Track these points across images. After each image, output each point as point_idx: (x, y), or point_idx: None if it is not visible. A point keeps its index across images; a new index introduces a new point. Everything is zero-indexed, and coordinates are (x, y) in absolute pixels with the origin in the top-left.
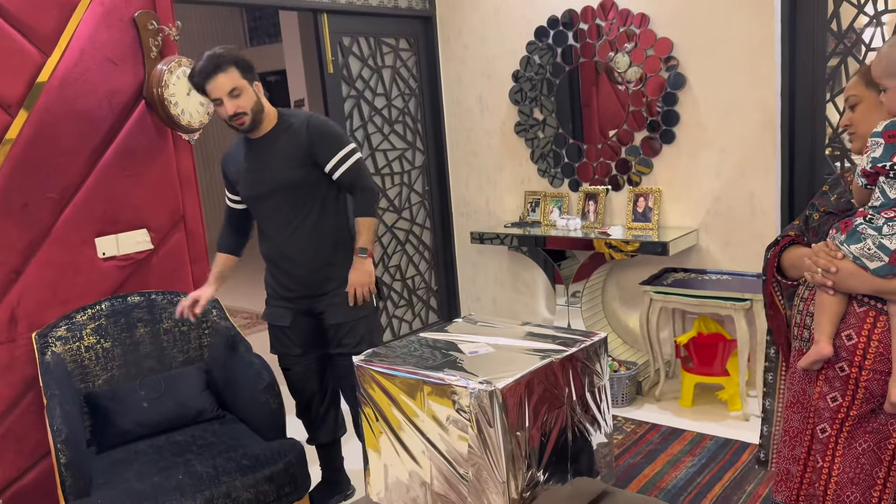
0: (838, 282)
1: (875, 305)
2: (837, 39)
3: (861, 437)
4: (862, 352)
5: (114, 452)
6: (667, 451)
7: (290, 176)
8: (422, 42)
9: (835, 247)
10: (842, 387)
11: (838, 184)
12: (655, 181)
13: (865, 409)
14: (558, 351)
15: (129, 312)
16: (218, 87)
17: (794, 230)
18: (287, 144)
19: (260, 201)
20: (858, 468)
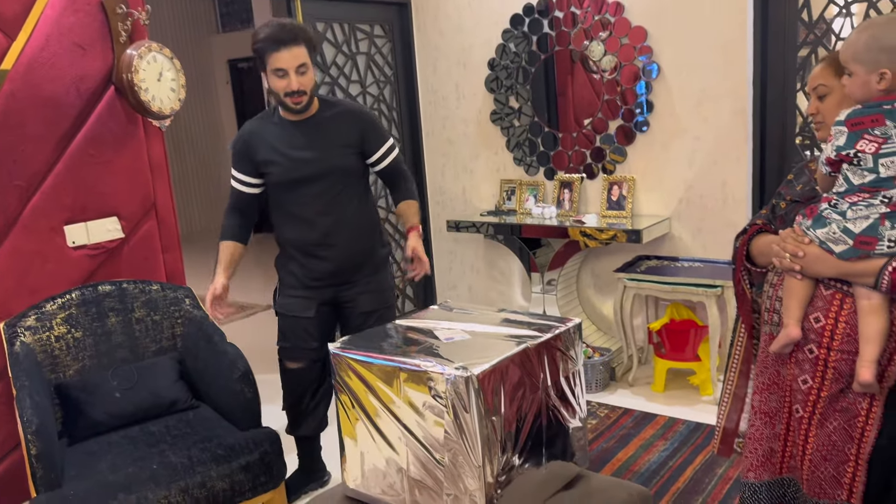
0: (806, 266)
1: (841, 288)
2: (808, 29)
3: (832, 416)
4: (830, 333)
5: (86, 444)
6: (640, 436)
7: (343, 162)
8: (397, 29)
9: (801, 232)
10: (811, 369)
11: (803, 173)
12: (629, 170)
13: (835, 389)
14: (533, 337)
15: (101, 302)
16: (289, 58)
17: (762, 219)
18: (338, 130)
19: (303, 185)
20: (831, 445)
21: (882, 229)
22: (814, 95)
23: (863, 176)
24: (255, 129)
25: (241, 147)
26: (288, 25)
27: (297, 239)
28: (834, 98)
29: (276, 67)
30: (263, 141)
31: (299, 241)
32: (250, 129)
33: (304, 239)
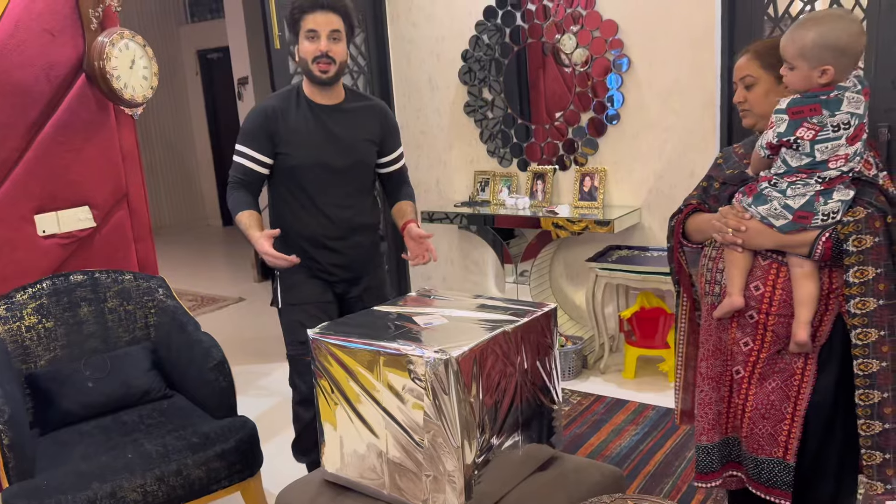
0: (747, 240)
1: (777, 258)
2: (773, 24)
3: (770, 376)
4: (769, 300)
5: (58, 434)
6: (611, 421)
7: (368, 155)
8: (370, 20)
9: (742, 209)
10: (752, 332)
11: (731, 157)
12: (601, 161)
13: (773, 350)
14: (510, 321)
15: (72, 291)
16: (324, 21)
17: (696, 199)
18: (365, 123)
19: (327, 173)
20: (769, 404)
21: (817, 205)
22: (740, 85)
23: (800, 159)
24: (278, 105)
25: (261, 122)
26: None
27: (311, 231)
28: (761, 87)
29: (308, 28)
30: (287, 120)
31: (314, 233)
32: (272, 105)
33: (320, 231)
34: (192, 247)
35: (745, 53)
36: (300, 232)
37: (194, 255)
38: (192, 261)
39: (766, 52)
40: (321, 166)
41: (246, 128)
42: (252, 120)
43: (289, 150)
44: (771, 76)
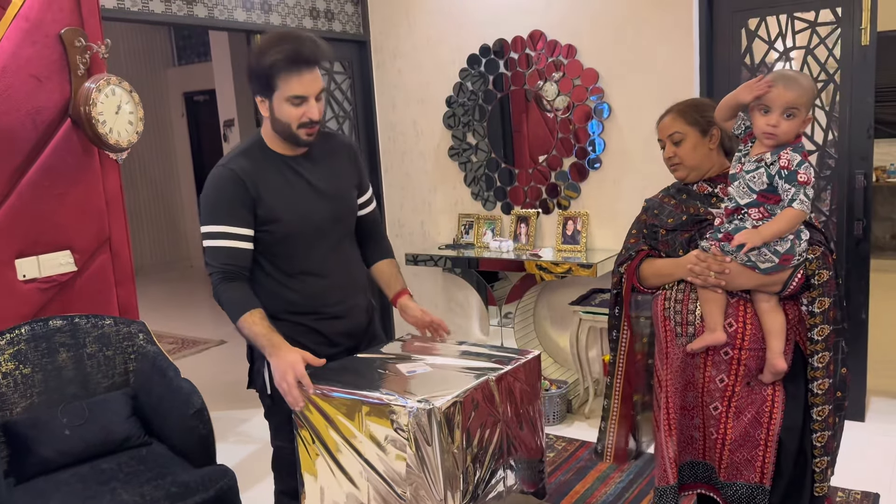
0: (728, 281)
1: (744, 296)
2: (750, 72)
3: (746, 408)
4: (741, 335)
5: (34, 483)
6: (596, 468)
7: (352, 200)
8: (356, 66)
9: (720, 253)
10: (727, 368)
11: (664, 207)
12: (583, 205)
13: (744, 384)
14: (494, 369)
15: (51, 337)
16: (311, 82)
17: (645, 245)
18: (342, 166)
19: (321, 231)
20: (745, 433)
21: (796, 247)
22: (669, 142)
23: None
24: (248, 168)
25: (235, 189)
26: (308, 41)
27: (307, 301)
28: (689, 142)
29: (293, 94)
30: (265, 184)
31: (311, 302)
32: (241, 166)
33: (317, 299)
34: (174, 288)
35: (669, 114)
36: (297, 305)
37: (176, 296)
38: (174, 302)
39: (689, 110)
40: (313, 226)
41: (216, 201)
42: (223, 189)
43: (274, 216)
44: (696, 131)
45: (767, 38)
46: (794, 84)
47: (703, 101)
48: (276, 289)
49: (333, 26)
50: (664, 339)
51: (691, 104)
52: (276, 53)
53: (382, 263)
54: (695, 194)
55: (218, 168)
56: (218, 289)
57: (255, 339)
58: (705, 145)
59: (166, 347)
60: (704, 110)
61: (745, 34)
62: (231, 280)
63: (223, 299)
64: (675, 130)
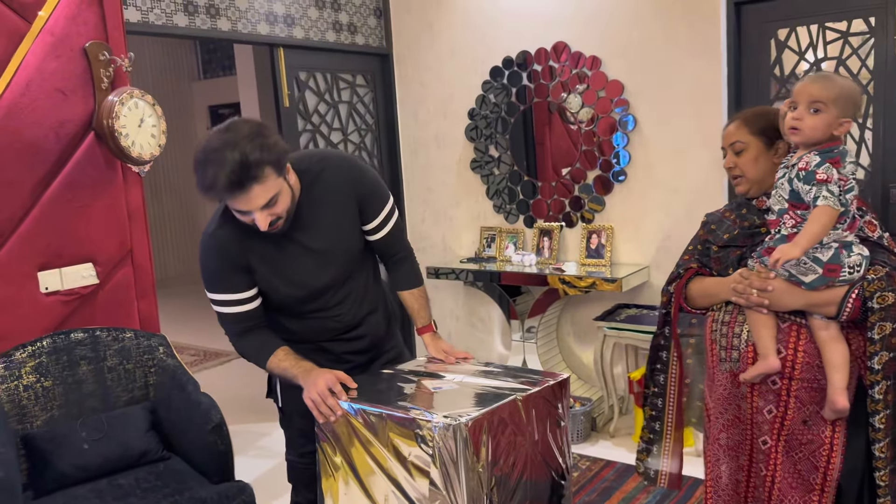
0: (773, 300)
1: (797, 320)
2: (780, 84)
3: (797, 448)
4: (791, 364)
5: (52, 497)
6: (622, 489)
7: (349, 246)
8: (379, 79)
9: (763, 269)
10: (775, 399)
11: (723, 222)
12: (608, 218)
13: (798, 419)
14: (522, 389)
15: (72, 350)
16: (249, 201)
17: (695, 263)
18: (334, 209)
19: (316, 290)
20: (797, 475)
21: (842, 257)
22: (730, 151)
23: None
24: (233, 237)
25: (227, 260)
26: (239, 163)
27: (312, 335)
28: (750, 153)
29: (235, 209)
30: (253, 253)
31: (315, 336)
32: (227, 237)
33: (323, 334)
34: (196, 300)
35: (734, 121)
36: (300, 334)
37: (199, 308)
38: (196, 314)
39: (755, 119)
40: (307, 288)
41: (211, 272)
42: (213, 259)
43: (266, 283)
44: (760, 142)
45: (798, 49)
46: (822, 79)
47: (772, 109)
48: (281, 323)
49: (356, 39)
50: (710, 365)
51: (760, 112)
52: (207, 178)
53: (405, 295)
54: (754, 209)
55: (204, 236)
56: (238, 344)
57: (285, 373)
58: (769, 158)
59: (187, 359)
60: (773, 120)
61: (775, 45)
62: (248, 333)
63: (246, 352)
64: (738, 140)
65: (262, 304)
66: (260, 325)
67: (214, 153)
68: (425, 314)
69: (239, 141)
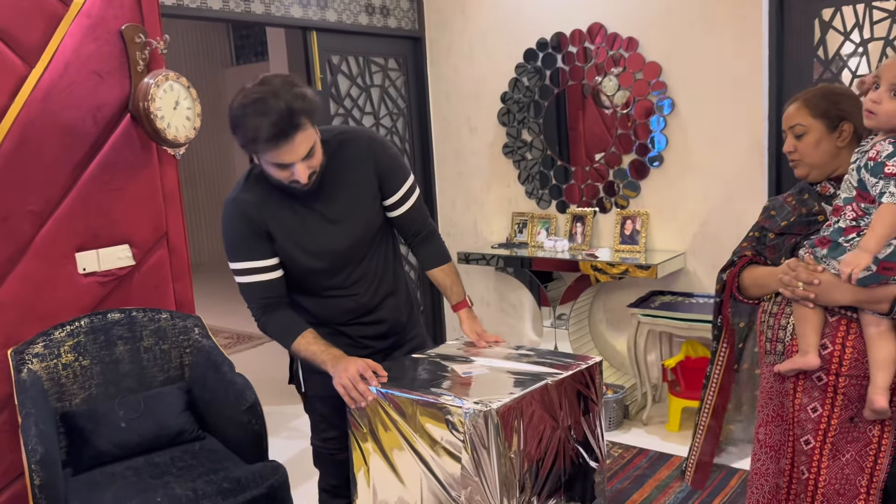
0: (820, 294)
1: (846, 314)
2: (824, 66)
3: (844, 447)
4: (838, 359)
5: (90, 474)
6: (655, 476)
7: (370, 219)
8: (411, 62)
9: (812, 261)
10: (821, 396)
11: (784, 208)
12: (643, 204)
13: (845, 417)
14: (553, 374)
15: (109, 330)
16: (293, 150)
17: (750, 250)
18: (355, 180)
19: (336, 259)
20: (843, 478)
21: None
22: (790, 134)
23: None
24: (255, 202)
25: (249, 227)
26: (282, 112)
27: (330, 316)
28: (811, 137)
29: (276, 163)
30: (273, 221)
31: (333, 317)
32: (248, 203)
33: (341, 316)
34: (231, 283)
35: (795, 101)
36: (320, 318)
37: (233, 291)
38: (230, 298)
39: (817, 100)
40: (331, 259)
41: (233, 238)
42: (235, 225)
43: (284, 253)
44: (822, 124)
45: (843, 30)
46: None
47: (838, 88)
48: (301, 302)
49: (389, 22)
50: (760, 356)
51: (823, 92)
52: (251, 130)
53: (436, 272)
54: (815, 194)
55: (226, 203)
56: (262, 322)
57: (313, 358)
58: (832, 142)
59: (222, 342)
60: (837, 101)
61: (819, 25)
62: (273, 311)
63: (270, 331)
64: (798, 122)
65: (283, 278)
66: (283, 304)
67: (255, 104)
68: (458, 289)
69: (279, 90)
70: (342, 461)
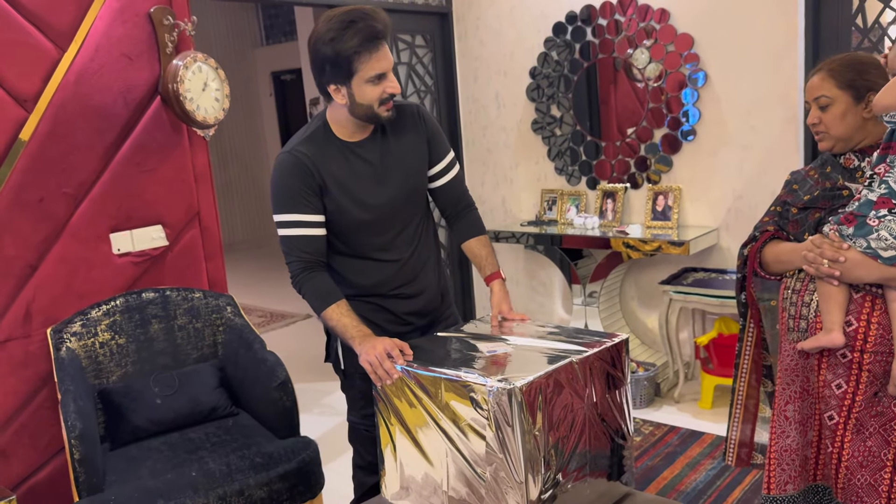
0: (845, 272)
1: (871, 290)
2: (862, 35)
3: (868, 421)
4: (863, 336)
5: (127, 449)
6: (686, 454)
7: (421, 177)
8: (438, 39)
9: (837, 238)
10: (845, 373)
11: (806, 182)
12: (675, 179)
13: (869, 393)
14: (579, 352)
15: (144, 308)
16: (385, 58)
17: (772, 225)
18: (406, 146)
19: (386, 217)
20: (867, 451)
21: None
22: (814, 105)
23: None
24: (313, 154)
25: (301, 177)
26: (377, 15)
27: (375, 284)
28: (837, 108)
29: (374, 74)
30: (329, 172)
31: (378, 286)
32: (304, 151)
33: (384, 284)
34: (264, 263)
35: (819, 72)
36: (362, 284)
37: (266, 270)
38: (263, 277)
39: (843, 70)
40: (379, 214)
41: (285, 188)
42: (290, 176)
43: (336, 204)
44: (848, 95)
45: None
46: None
47: (864, 57)
48: (342, 270)
49: None
50: (781, 333)
51: (849, 62)
52: (351, 37)
53: (472, 243)
54: (839, 167)
55: (283, 154)
56: (299, 279)
57: (343, 330)
58: (858, 113)
59: (255, 321)
60: (864, 71)
61: None
62: (311, 270)
63: (305, 290)
64: (823, 94)
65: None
66: (322, 266)
67: (350, 15)
68: (493, 260)
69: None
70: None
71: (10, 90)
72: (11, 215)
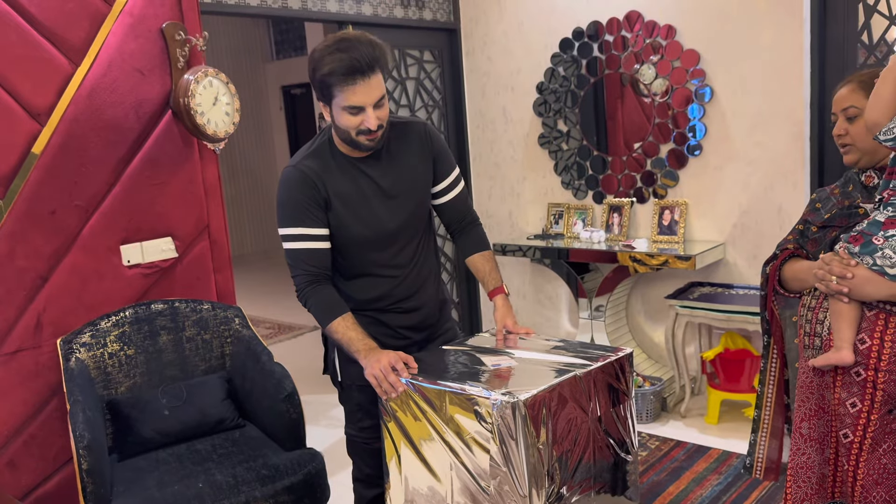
0: (854, 288)
1: (885, 308)
2: (868, 51)
3: (883, 439)
4: (877, 354)
5: (135, 460)
6: (692, 469)
7: (424, 195)
8: (446, 54)
9: (846, 255)
10: (860, 391)
11: (829, 200)
12: (681, 194)
13: (884, 411)
14: (583, 365)
15: (153, 320)
16: (366, 92)
17: (792, 243)
18: (411, 162)
19: (387, 233)
20: (881, 469)
21: None
22: (842, 117)
23: None
24: (317, 169)
25: (306, 191)
26: (364, 50)
27: (372, 298)
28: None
29: (349, 105)
30: (333, 188)
31: (376, 300)
32: (309, 166)
33: (383, 299)
34: (272, 276)
35: (849, 83)
36: (360, 298)
37: (274, 283)
38: (271, 289)
39: (872, 82)
40: (381, 232)
41: (290, 203)
42: (295, 190)
43: (338, 220)
44: None
45: (888, 14)
46: None
47: None
48: (341, 285)
49: (424, 15)
50: (801, 350)
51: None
52: (330, 63)
53: (475, 258)
54: (859, 186)
55: (288, 169)
56: (304, 292)
57: (348, 343)
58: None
59: (263, 332)
60: None
61: (863, 9)
62: (317, 283)
63: (311, 304)
64: (851, 104)
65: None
66: (328, 280)
67: (338, 43)
68: (496, 275)
69: (360, 37)
70: (377, 450)
71: (24, 104)
72: (24, 227)
